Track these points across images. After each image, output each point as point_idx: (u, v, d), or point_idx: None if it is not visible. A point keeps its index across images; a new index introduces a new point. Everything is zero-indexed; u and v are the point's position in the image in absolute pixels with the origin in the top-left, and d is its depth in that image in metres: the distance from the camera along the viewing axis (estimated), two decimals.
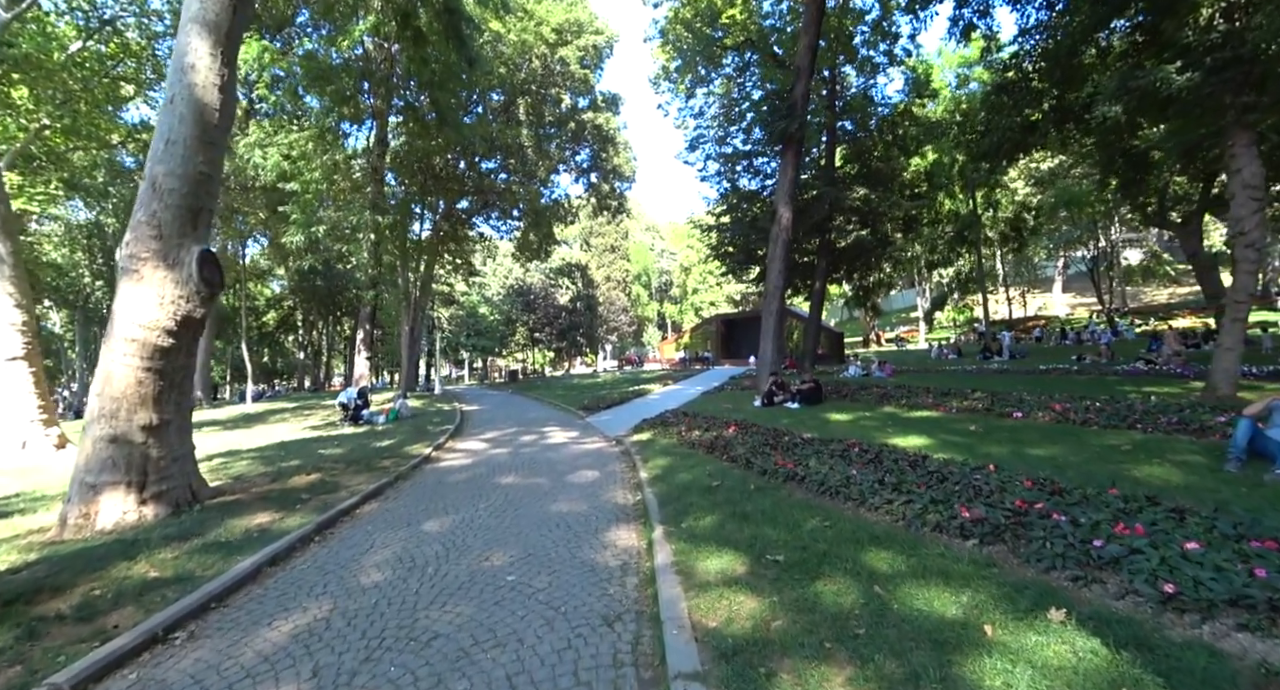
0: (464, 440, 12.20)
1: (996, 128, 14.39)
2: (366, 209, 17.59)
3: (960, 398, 12.06)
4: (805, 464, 6.64)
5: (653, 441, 9.95)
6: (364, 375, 21.48)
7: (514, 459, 9.47)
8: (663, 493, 6.31)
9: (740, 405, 14.63)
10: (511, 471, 8.40)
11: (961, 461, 6.33)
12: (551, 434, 12.33)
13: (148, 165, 6.58)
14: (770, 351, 15.75)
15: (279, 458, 10.20)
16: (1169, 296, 53.44)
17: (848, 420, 10.91)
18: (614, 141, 29.32)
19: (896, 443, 8.23)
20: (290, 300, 58.24)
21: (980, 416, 10.19)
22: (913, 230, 25.91)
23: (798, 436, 8.65)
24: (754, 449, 7.86)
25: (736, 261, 26.26)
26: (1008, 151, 14.80)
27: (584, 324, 50.54)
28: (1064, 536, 3.85)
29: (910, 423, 10.05)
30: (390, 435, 12.90)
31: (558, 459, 9.25)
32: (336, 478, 8.20)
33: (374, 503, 7.00)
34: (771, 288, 15.62)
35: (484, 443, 11.58)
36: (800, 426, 10.45)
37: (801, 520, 4.89)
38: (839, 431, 9.55)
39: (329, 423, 16.45)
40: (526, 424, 14.45)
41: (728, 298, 67.04)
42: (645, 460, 8.30)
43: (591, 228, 62.05)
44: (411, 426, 14.43)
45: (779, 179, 15.81)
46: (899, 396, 13.12)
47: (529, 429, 13.40)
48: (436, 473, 8.71)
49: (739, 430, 9.79)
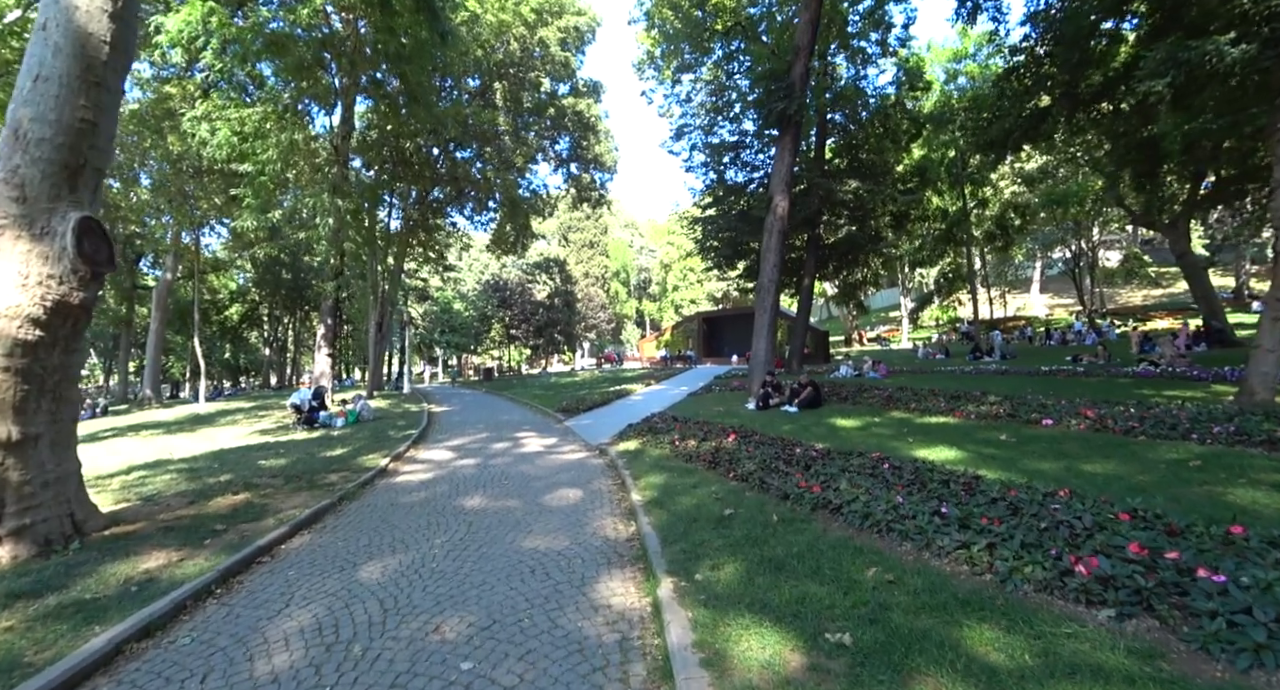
0: (428, 448, 10.86)
1: (1006, 114, 13.51)
2: (325, 191, 16.04)
3: (974, 402, 11.12)
4: (834, 486, 5.52)
5: (642, 452, 8.76)
6: (325, 373, 19.89)
7: (482, 473, 8.20)
8: (663, 524, 5.13)
9: (732, 408, 13.54)
10: (479, 490, 7.13)
11: (1023, 483, 5.26)
12: (526, 441, 11.06)
13: (10, 108, 5.17)
14: (763, 351, 14.70)
15: (209, 471, 8.77)
16: (1143, 298, 54.07)
17: (856, 427, 9.88)
18: (595, 129, 28.00)
19: (923, 455, 7.21)
20: (255, 294, 55.80)
21: (1005, 424, 9.23)
22: (903, 226, 25.14)
23: (810, 449, 7.55)
24: (765, 464, 6.72)
25: (723, 256, 25.21)
26: (1017, 139, 13.97)
27: (562, 321, 49.13)
28: (1244, 609, 2.76)
29: (929, 431, 9.03)
30: (346, 441, 11.50)
31: (533, 473, 8.00)
32: (268, 499, 6.85)
33: (306, 534, 5.68)
34: (765, 282, 14.56)
35: (450, 451, 10.26)
36: (805, 434, 9.39)
37: (854, 571, 3.75)
38: (851, 441, 8.51)
39: (281, 426, 14.94)
40: (499, 428, 13.15)
41: (708, 295, 66.19)
42: (636, 476, 7.10)
43: (570, 223, 60.64)
44: (371, 431, 13.03)
45: (774, 165, 14.75)
46: (905, 400, 12.15)
47: (501, 434, 12.11)
48: (391, 491, 7.40)
49: (739, 439, 8.66)
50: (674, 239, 72.21)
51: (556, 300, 48.58)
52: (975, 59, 28.94)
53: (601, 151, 28.59)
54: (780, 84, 13.79)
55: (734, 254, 24.77)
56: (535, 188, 29.97)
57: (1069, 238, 37.37)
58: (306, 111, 21.17)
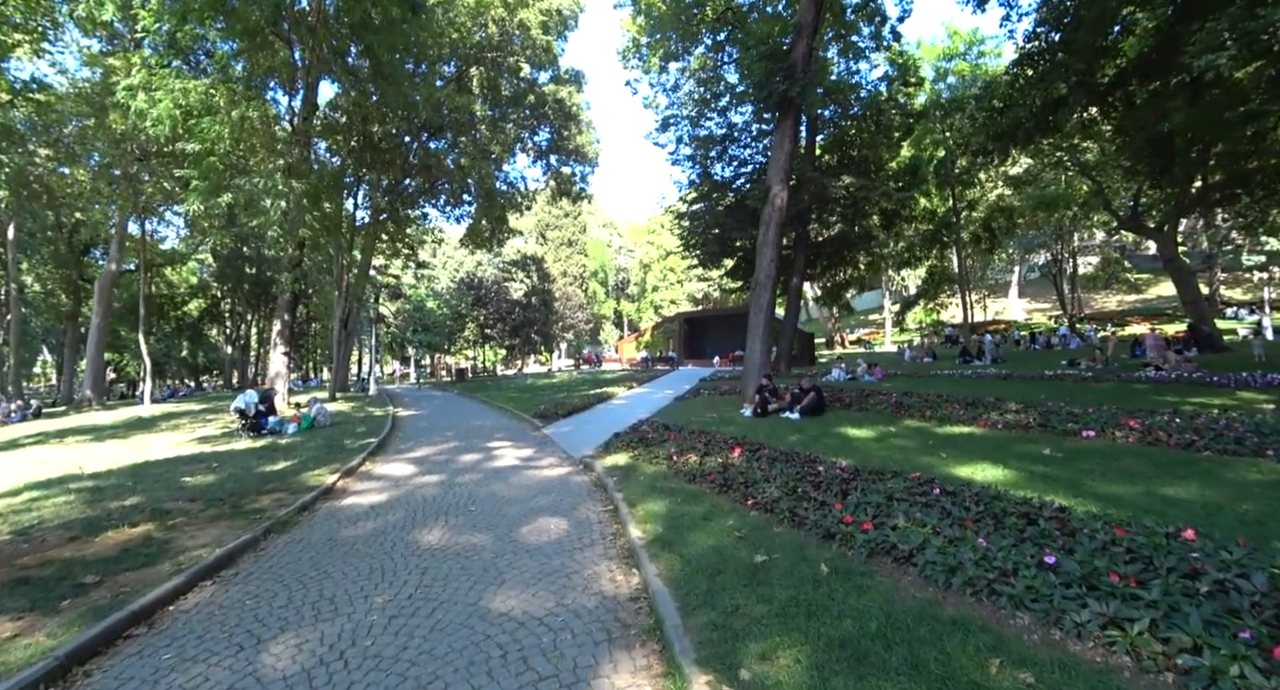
0: (387, 460, 9.51)
1: (1019, 104, 12.67)
2: (279, 172, 14.50)
3: (993, 409, 10.18)
4: (889, 521, 4.40)
5: (634, 468, 7.55)
6: (281, 373, 18.24)
7: (447, 494, 6.91)
8: (677, 575, 3.94)
9: (727, 415, 12.43)
10: (440, 519, 5.86)
11: (1129, 519, 4.20)
12: (500, 452, 9.77)
13: None
14: (758, 352, 13.63)
15: (118, 491, 7.33)
16: (1118, 303, 54.74)
17: (872, 438, 8.83)
18: (577, 119, 26.70)
19: (966, 474, 6.19)
20: (217, 288, 53.17)
21: (1039, 435, 8.28)
22: (894, 225, 24.38)
23: (835, 467, 6.44)
24: (789, 488, 5.58)
25: (710, 252, 24.13)
26: (1029, 130, 13.15)
27: (539, 320, 47.55)
28: None
29: (956, 443, 8.02)
30: (293, 452, 10.08)
31: (507, 495, 6.74)
32: (175, 532, 5.50)
33: (209, 587, 4.37)
34: (762, 278, 13.48)
35: (411, 465, 8.93)
36: (816, 446, 8.32)
37: (969, 664, 2.62)
38: (872, 455, 7.45)
39: (226, 433, 13.41)
40: (469, 436, 11.81)
41: (689, 296, 65.26)
42: (631, 502, 5.90)
43: (548, 220, 59.14)
44: (326, 439, 11.60)
45: (772, 153, 13.69)
46: (916, 407, 11.17)
47: (472, 444, 10.79)
48: (333, 519, 6.08)
49: (747, 453, 7.53)
50: (654, 238, 71.21)
51: (533, 299, 47.00)
52: (966, 58, 28.42)
53: (583, 142, 27.28)
54: (780, 64, 12.74)
55: (721, 251, 23.72)
56: (513, 180, 28.52)
57: (1051, 242, 37.23)
58: (265, 87, 19.57)
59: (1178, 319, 40.92)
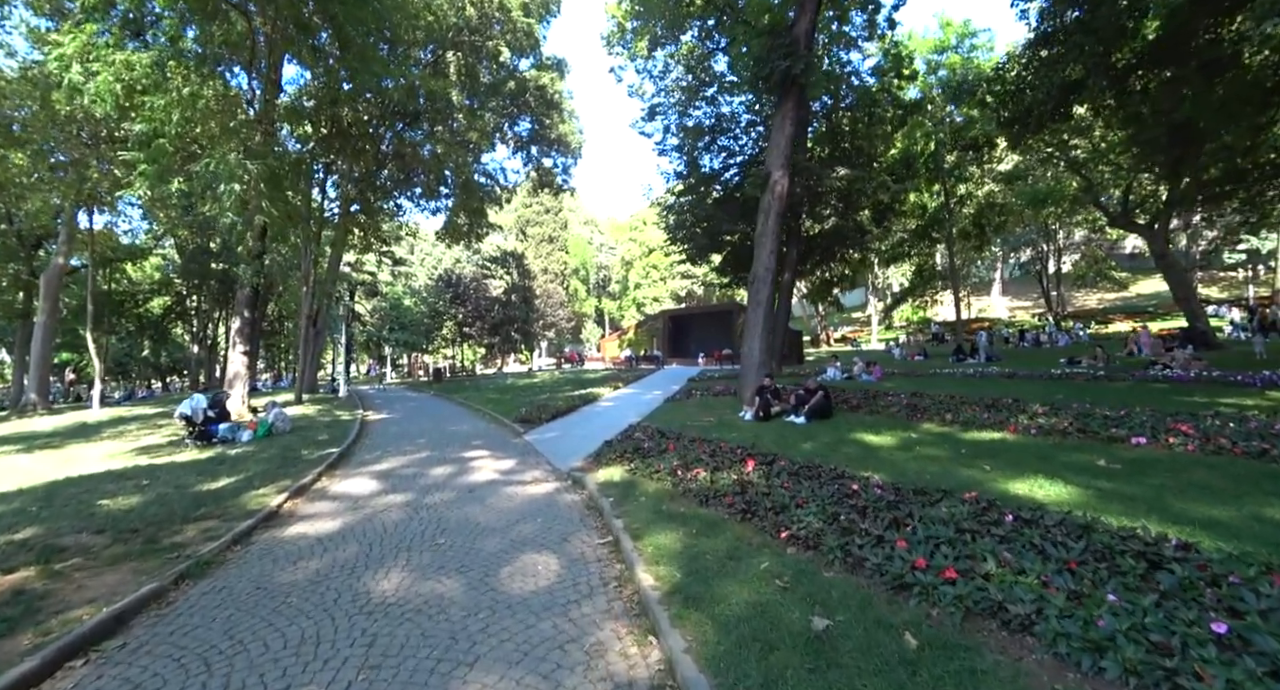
0: (348, 474, 8.35)
1: (1035, 86, 11.90)
2: (233, 152, 13.16)
3: (1019, 412, 9.37)
4: (975, 567, 3.45)
5: (633, 485, 6.53)
6: (240, 374, 16.83)
7: (412, 520, 5.81)
8: (714, 652, 2.93)
9: (725, 418, 11.48)
10: (401, 557, 4.77)
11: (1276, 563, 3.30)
12: (477, 464, 8.67)
13: None
14: (757, 350, 12.69)
15: (15, 519, 6.10)
16: (1098, 301, 55.15)
17: (896, 447, 7.93)
18: (559, 107, 25.51)
19: (1022, 491, 5.35)
20: (181, 285, 50.79)
21: (1079, 441, 7.48)
22: (886, 219, 23.67)
23: (873, 485, 5.49)
24: (827, 514, 4.61)
25: (698, 246, 23.17)
26: (1041, 115, 12.39)
27: (519, 318, 46.15)
28: None
29: (993, 452, 7.16)
30: (241, 464, 8.87)
31: (484, 521, 5.67)
32: (61, 580, 4.35)
33: (77, 670, 3.24)
34: (760, 271, 12.54)
35: (375, 480, 7.79)
36: (834, 455, 7.41)
37: None
38: (901, 466, 6.57)
39: (173, 441, 12.09)
40: (444, 444, 10.67)
41: (672, 293, 64.32)
42: (636, 532, 4.87)
43: (529, 216, 57.72)
44: (282, 448, 10.37)
45: (772, 136, 12.75)
46: (932, 409, 10.34)
47: (446, 453, 9.67)
48: (269, 557, 4.96)
49: (763, 467, 6.56)
50: (637, 235, 70.21)
51: (513, 296, 45.61)
52: (958, 51, 27.85)
53: (566, 132, 26.09)
54: (781, 40, 11.81)
55: (710, 245, 22.78)
56: (492, 171, 27.22)
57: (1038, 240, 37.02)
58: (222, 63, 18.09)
59: (1160, 316, 41.17)
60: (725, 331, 38.31)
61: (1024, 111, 12.39)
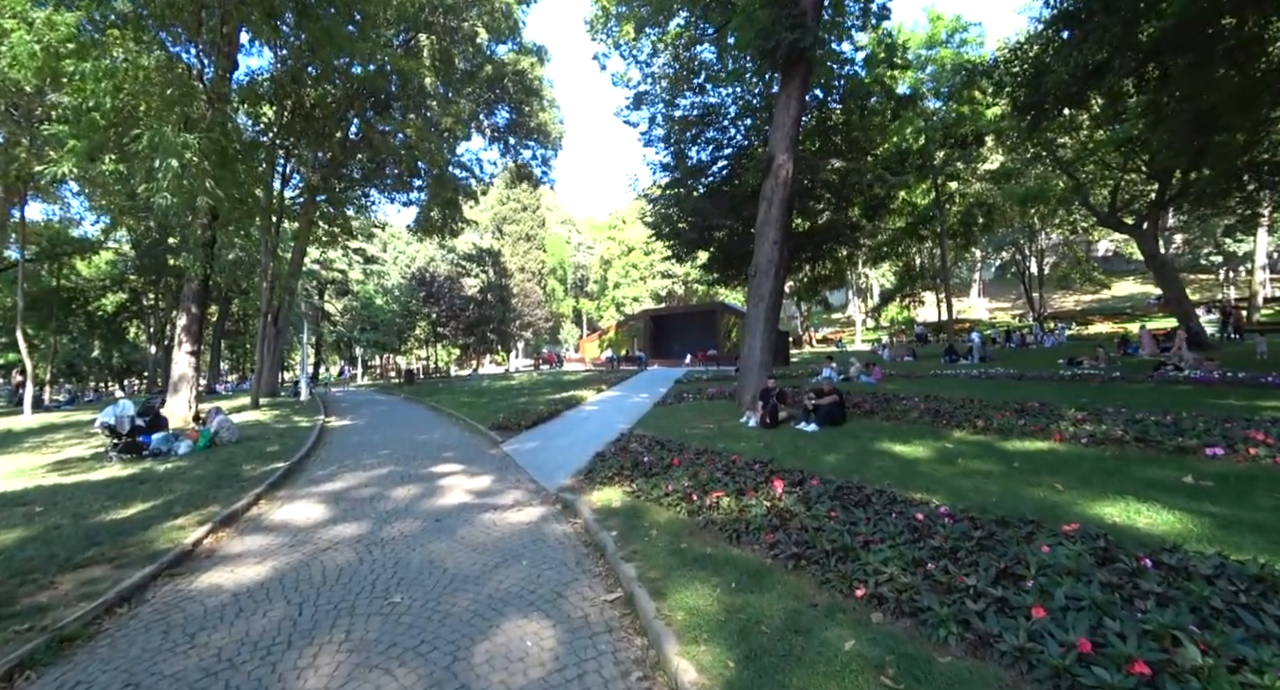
0: (293, 496, 7.03)
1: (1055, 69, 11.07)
2: (169, 124, 11.65)
3: (1056, 417, 8.45)
4: (1167, 648, 2.38)
5: (640, 514, 5.36)
6: (186, 377, 15.20)
7: (362, 565, 4.56)
8: None
9: (725, 424, 10.40)
10: (341, 625, 3.54)
11: None
12: (447, 482, 7.41)
13: None
14: (758, 350, 11.63)
15: None
16: (1075, 303, 55.67)
17: (933, 459, 6.92)
18: (539, 94, 24.20)
19: (1118, 518, 4.39)
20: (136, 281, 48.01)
21: (1141, 452, 6.56)
22: (878, 215, 22.89)
23: (939, 513, 4.42)
24: (904, 559, 3.52)
25: (687, 240, 22.10)
26: (1060, 100, 11.57)
27: (495, 318, 44.57)
28: None
29: (1050, 466, 6.19)
30: (167, 485, 7.47)
31: (454, 568, 4.44)
32: None
33: None
34: (763, 263, 11.49)
35: (323, 505, 6.49)
36: (866, 469, 6.41)
37: None
38: (959, 487, 5.55)
39: (97, 454, 10.57)
40: (410, 456, 9.36)
41: (652, 293, 63.21)
42: (655, 585, 3.71)
43: (505, 214, 56.02)
44: (222, 462, 8.96)
45: (776, 117, 11.72)
46: (954, 415, 9.37)
47: (412, 468, 8.37)
48: (160, 626, 3.67)
49: (793, 488, 5.46)
50: (616, 234, 69.01)
51: (489, 295, 43.98)
52: (948, 45, 27.29)
53: (545, 120, 24.77)
54: (787, 11, 10.78)
55: (699, 240, 21.72)
56: (467, 162, 25.74)
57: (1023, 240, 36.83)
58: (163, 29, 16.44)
59: (1139, 317, 41.43)
60: (709, 331, 37.38)
61: (1042, 96, 11.59)
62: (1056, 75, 11.00)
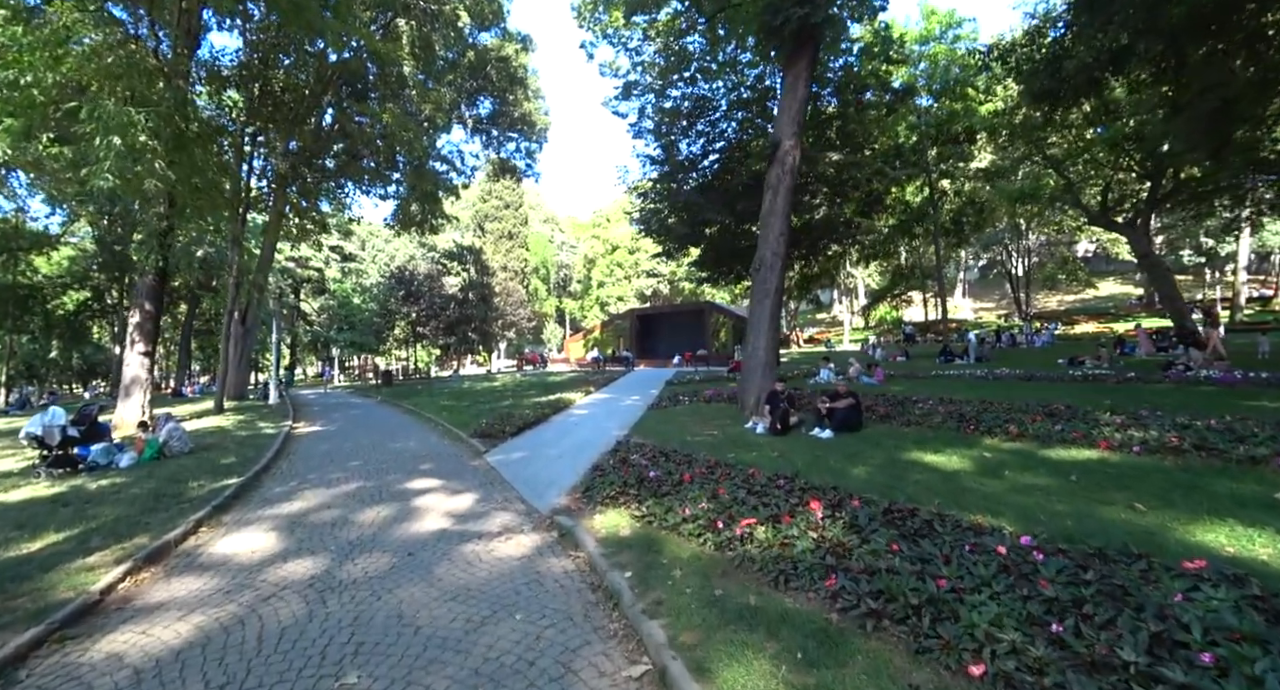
0: (241, 522, 6.03)
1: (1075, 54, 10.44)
2: (111, 96, 10.51)
3: (1099, 423, 7.76)
4: None
5: (656, 546, 4.49)
6: (139, 380, 13.99)
7: (311, 624, 3.60)
8: None
9: (729, 431, 9.58)
10: None
11: None
12: (423, 502, 6.47)
13: None
14: (763, 349, 10.84)
15: None
16: (1058, 303, 56.00)
17: (971, 469, 6.17)
18: (523, 83, 23.18)
19: (1230, 549, 3.68)
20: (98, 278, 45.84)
21: (1205, 462, 5.87)
22: (874, 211, 22.31)
23: (1023, 545, 3.63)
24: (1023, 616, 2.72)
25: (679, 234, 21.28)
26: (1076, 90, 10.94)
27: (477, 317, 43.21)
28: None
29: (1113, 479, 5.47)
30: (95, 507, 6.43)
31: (430, 628, 3.51)
32: None
33: None
34: (768, 255, 10.69)
35: (275, 534, 5.51)
36: (904, 485, 5.65)
37: None
38: (1022, 507, 4.80)
39: (28, 467, 9.44)
40: (382, 469, 8.37)
41: (637, 292, 62.33)
42: (691, 654, 2.85)
43: (487, 211, 54.69)
44: (164, 479, 7.89)
45: (782, 100, 10.94)
46: (982, 419, 8.64)
47: (384, 484, 7.41)
48: None
49: (832, 509, 4.63)
50: (600, 232, 68.03)
51: (471, 294, 42.59)
52: (942, 40, 26.85)
53: (530, 110, 23.76)
54: None
55: (691, 236, 20.94)
56: (448, 154, 24.59)
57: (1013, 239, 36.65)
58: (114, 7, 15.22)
59: (1121, 318, 41.61)
60: (697, 331, 36.61)
61: (1060, 82, 10.97)
62: (1078, 58, 10.36)
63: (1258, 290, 45.50)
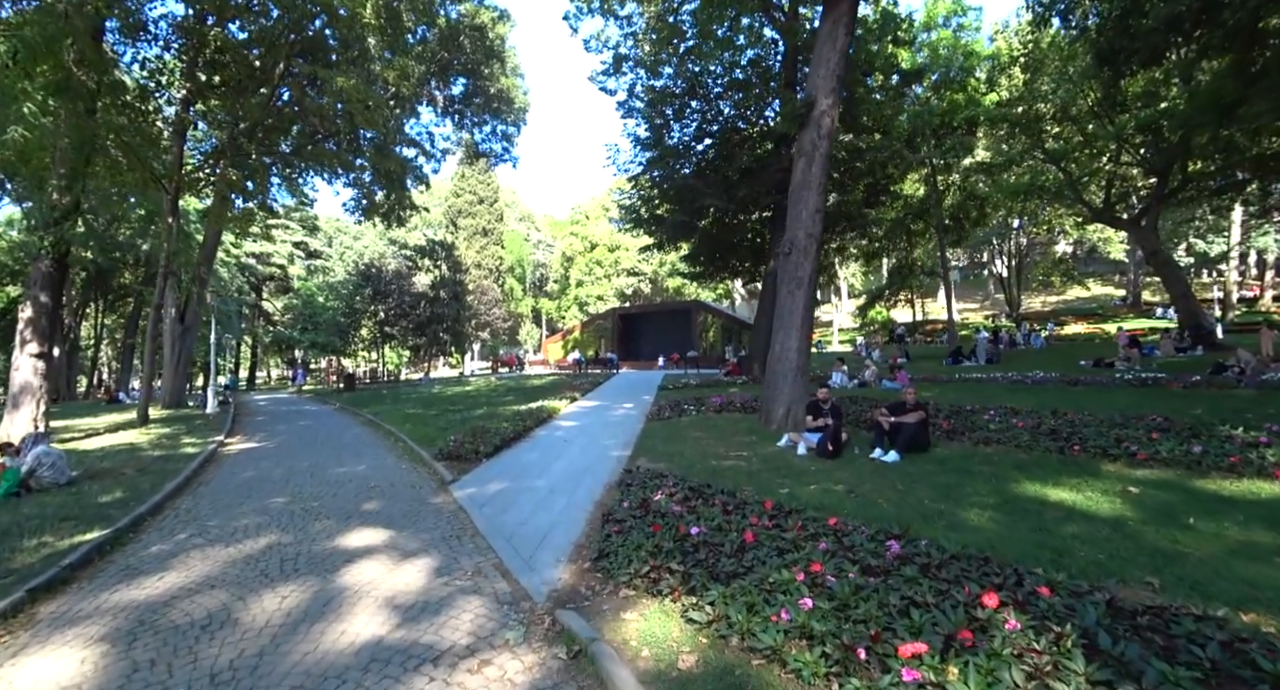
0: (64, 619, 3.92)
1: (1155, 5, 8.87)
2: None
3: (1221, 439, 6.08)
4: None
5: (728, 673, 2.58)
6: (33, 390, 11.58)
7: None
8: None
9: (756, 449, 7.73)
10: None
11: None
12: (356, 578, 4.42)
13: None
14: (794, 350, 8.99)
15: None
16: (1042, 304, 55.63)
17: (1137, 516, 4.38)
18: (500, 57, 21.03)
19: None
20: None
21: None
22: (878, 200, 20.75)
23: None
24: None
25: (674, 224, 19.39)
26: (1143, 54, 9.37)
27: (449, 316, 40.66)
28: None
29: None
30: None
31: None
32: None
33: None
34: (801, 237, 8.86)
35: (97, 651, 3.44)
36: (1050, 540, 3.80)
37: None
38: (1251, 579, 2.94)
39: None
40: (312, 512, 6.26)
41: (618, 291, 60.30)
42: None
43: (460, 206, 52.11)
44: (5, 527, 5.70)
45: (818, 51, 9.11)
46: (1077, 437, 6.90)
47: (307, 537, 5.33)
48: None
49: (1011, 607, 2.77)
50: (579, 229, 65.84)
51: (442, 292, 40.04)
52: (946, 27, 25.55)
53: (508, 85, 21.60)
54: None
55: (687, 225, 19.09)
56: (416, 135, 22.25)
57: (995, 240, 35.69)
58: None
59: (1109, 319, 41.02)
60: (684, 332, 34.84)
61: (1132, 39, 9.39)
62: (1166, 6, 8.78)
63: (1240, 291, 45.49)
